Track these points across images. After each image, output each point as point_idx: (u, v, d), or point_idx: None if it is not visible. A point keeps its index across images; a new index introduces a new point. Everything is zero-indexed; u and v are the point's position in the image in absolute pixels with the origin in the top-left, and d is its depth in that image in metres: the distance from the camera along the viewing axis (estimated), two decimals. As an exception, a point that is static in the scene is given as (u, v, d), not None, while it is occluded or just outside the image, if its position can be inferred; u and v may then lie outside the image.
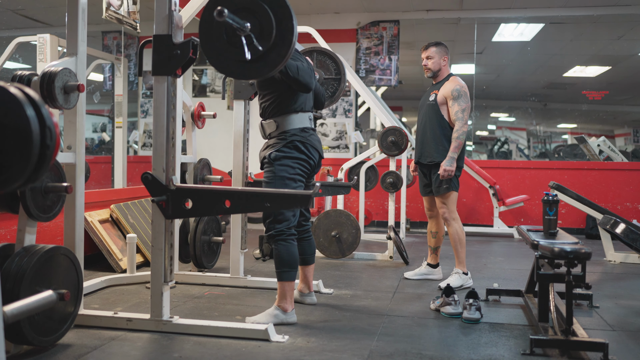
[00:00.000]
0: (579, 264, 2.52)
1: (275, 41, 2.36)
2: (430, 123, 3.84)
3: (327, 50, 3.68)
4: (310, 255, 3.27)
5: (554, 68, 10.17)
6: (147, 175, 2.62)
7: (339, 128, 7.65)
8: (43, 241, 3.60)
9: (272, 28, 2.34)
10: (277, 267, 2.92)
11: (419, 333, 2.79)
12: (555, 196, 2.99)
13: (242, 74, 2.51)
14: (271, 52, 2.37)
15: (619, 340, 2.74)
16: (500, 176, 7.08)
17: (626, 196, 6.90)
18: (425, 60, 3.93)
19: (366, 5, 7.20)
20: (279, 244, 2.91)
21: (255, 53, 2.36)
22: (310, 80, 2.93)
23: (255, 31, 2.35)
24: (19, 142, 1.32)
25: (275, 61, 2.39)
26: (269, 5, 2.34)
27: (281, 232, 2.91)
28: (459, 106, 3.75)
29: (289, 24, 2.35)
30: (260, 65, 2.40)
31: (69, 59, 2.62)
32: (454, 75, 3.91)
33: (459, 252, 3.84)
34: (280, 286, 2.92)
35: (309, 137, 3.01)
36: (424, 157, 3.88)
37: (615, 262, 4.99)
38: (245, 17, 2.33)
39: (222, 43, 2.41)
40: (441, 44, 3.91)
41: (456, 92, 3.76)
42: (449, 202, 3.81)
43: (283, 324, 2.86)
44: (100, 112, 6.64)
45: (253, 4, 2.34)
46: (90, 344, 2.51)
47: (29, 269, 2.24)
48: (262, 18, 2.34)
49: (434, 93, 3.86)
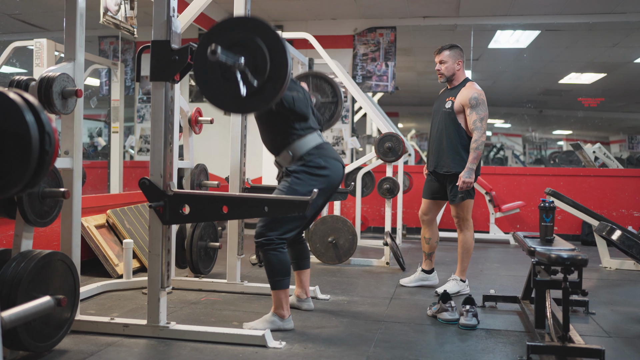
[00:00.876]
0: (576, 270, 2.52)
1: (269, 75, 2.33)
2: (447, 131, 3.71)
3: (322, 75, 3.69)
4: (305, 260, 3.26)
5: (549, 75, 10.22)
6: (144, 180, 2.62)
7: (336, 134, 7.66)
8: (40, 246, 3.60)
9: (266, 62, 2.32)
10: (270, 276, 2.90)
11: (415, 339, 2.79)
12: (551, 203, 3.00)
13: (238, 109, 2.50)
14: (266, 86, 2.35)
15: (615, 347, 2.74)
16: (496, 182, 7.10)
17: (622, 203, 6.93)
18: (438, 65, 3.78)
19: (363, 11, 7.23)
20: (269, 253, 2.87)
21: (250, 88, 2.35)
22: (307, 110, 2.95)
23: (249, 66, 2.33)
24: (18, 147, 1.32)
25: (270, 95, 2.37)
26: (262, 40, 2.33)
27: (271, 242, 2.86)
28: (477, 115, 3.62)
29: (282, 58, 2.32)
30: (255, 99, 2.38)
31: (66, 64, 2.62)
32: (471, 80, 3.78)
33: (464, 261, 3.78)
34: (274, 295, 2.91)
35: (326, 152, 2.98)
36: (440, 166, 3.75)
37: (611, 269, 5.00)
38: (238, 52, 2.32)
39: (216, 79, 2.40)
40: (455, 47, 3.76)
41: (474, 100, 3.63)
42: (465, 211, 3.75)
43: (280, 330, 2.85)
44: (96, 117, 6.63)
45: (246, 39, 2.33)
46: (86, 350, 2.50)
47: (25, 275, 2.23)
48: (256, 53, 2.33)
49: (450, 100, 3.72)
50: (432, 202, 3.91)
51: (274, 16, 7.57)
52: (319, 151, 2.97)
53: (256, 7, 7.10)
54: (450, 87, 3.82)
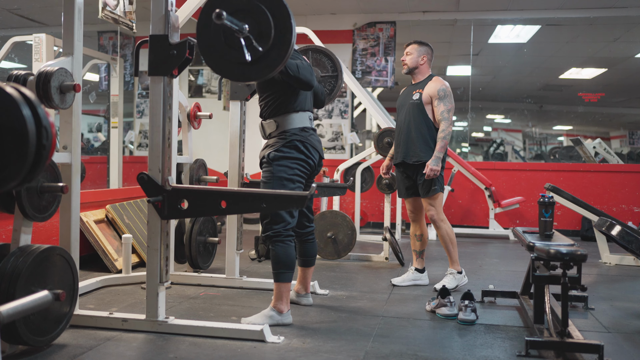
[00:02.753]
0: (575, 265, 2.52)
1: (274, 41, 2.33)
2: (415, 122, 3.77)
3: (322, 48, 3.68)
4: (312, 258, 3.26)
5: (550, 70, 10.20)
6: (143, 175, 2.62)
7: (335, 129, 7.65)
8: (38, 241, 3.59)
9: (271, 28, 2.32)
10: (274, 268, 2.91)
11: (414, 334, 2.79)
12: (551, 198, 2.99)
13: (243, 76, 2.47)
14: (271, 52, 2.35)
15: (614, 342, 2.75)
16: (496, 178, 7.10)
17: (622, 198, 6.93)
18: (404, 56, 3.89)
19: (362, 6, 7.21)
20: (276, 245, 2.89)
21: (255, 54, 2.34)
22: (311, 77, 2.92)
23: (253, 32, 2.33)
24: (15, 141, 1.32)
25: (275, 61, 2.36)
26: (266, 6, 2.32)
27: (278, 234, 2.89)
28: (444, 106, 3.70)
29: (287, 23, 2.33)
30: (260, 66, 2.38)
31: (65, 58, 2.62)
32: (436, 75, 3.87)
33: (451, 252, 3.80)
34: (276, 287, 2.92)
35: (309, 137, 3.01)
36: (410, 157, 3.78)
37: (610, 264, 5.00)
38: (242, 18, 2.31)
39: (220, 46, 2.39)
40: (424, 44, 3.87)
41: (442, 92, 3.72)
42: (437, 204, 3.77)
43: (278, 325, 2.86)
44: (95, 112, 6.63)
45: (250, 5, 2.32)
46: (85, 344, 2.50)
47: (24, 269, 2.23)
48: (260, 19, 2.32)
49: (418, 92, 3.80)
50: (412, 199, 3.93)
51: (273, 11, 7.55)
52: (302, 134, 2.98)
53: (256, 2, 7.07)
54: (415, 82, 3.90)
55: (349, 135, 7.36)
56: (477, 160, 11.10)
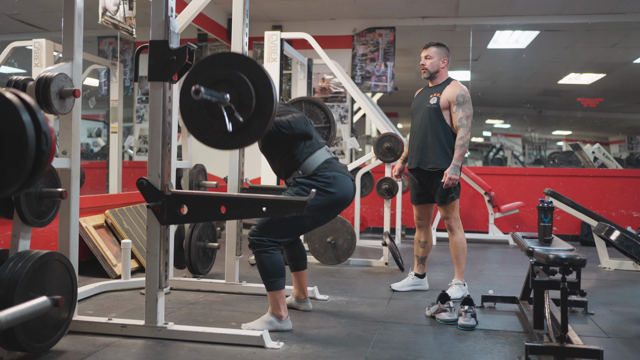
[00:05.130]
0: (574, 270, 2.52)
1: (255, 111, 2.33)
2: (432, 127, 3.67)
3: (314, 100, 3.70)
4: (302, 260, 3.26)
5: (548, 75, 10.22)
6: (142, 180, 2.62)
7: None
8: (37, 247, 3.59)
9: (252, 99, 2.32)
10: (264, 278, 2.89)
11: (414, 340, 2.79)
12: (550, 203, 2.99)
13: (225, 145, 2.46)
14: (252, 122, 2.35)
15: (613, 347, 2.74)
16: (496, 183, 7.10)
17: (621, 203, 6.93)
18: (423, 60, 3.78)
19: (362, 11, 7.23)
20: (260, 255, 2.86)
21: (237, 124, 2.35)
22: (307, 127, 2.92)
23: (235, 102, 2.34)
24: (15, 147, 1.32)
25: (256, 131, 2.36)
26: (247, 77, 2.33)
27: (262, 243, 2.85)
28: (463, 112, 3.61)
29: (268, 93, 2.33)
30: (242, 135, 2.38)
31: (64, 64, 2.62)
32: (455, 79, 3.78)
33: (461, 262, 3.74)
34: (270, 296, 2.90)
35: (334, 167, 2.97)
36: (425, 163, 3.69)
37: (610, 269, 5.00)
38: (224, 88, 2.33)
39: (202, 115, 2.39)
40: (442, 45, 3.77)
41: (461, 98, 3.63)
42: (454, 211, 3.71)
43: (278, 331, 2.85)
44: (95, 117, 6.63)
45: (232, 76, 2.33)
46: (84, 350, 2.49)
47: (23, 275, 2.22)
48: (242, 89, 2.33)
49: (435, 96, 3.69)
50: (422, 206, 3.88)
51: (273, 16, 7.57)
52: (328, 165, 2.96)
53: (255, 8, 7.10)
54: (433, 85, 3.80)
55: (348, 141, 7.37)
56: (476, 165, 11.11)
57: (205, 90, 2.20)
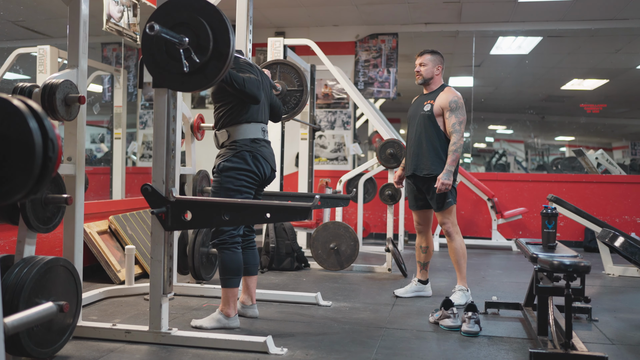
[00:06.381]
0: (578, 277, 2.52)
1: (212, 54, 2.43)
2: (426, 134, 3.72)
3: (289, 62, 3.71)
4: (253, 266, 3.27)
5: (551, 81, 10.21)
6: (146, 187, 2.63)
7: (338, 140, 7.67)
8: (42, 252, 3.60)
9: (209, 41, 2.42)
10: (221, 274, 3.01)
11: (417, 346, 2.79)
12: (554, 209, 2.99)
13: (183, 86, 2.54)
14: (209, 64, 2.45)
15: (618, 354, 2.73)
16: (499, 189, 7.09)
17: (624, 209, 6.92)
18: (418, 67, 3.85)
19: (365, 18, 7.25)
20: (222, 252, 2.99)
21: (193, 65, 2.44)
22: (258, 92, 2.97)
23: (193, 45, 2.42)
24: (22, 154, 1.33)
25: (213, 73, 2.46)
26: (205, 20, 2.42)
27: (224, 241, 2.98)
28: (456, 118, 3.66)
29: (225, 37, 2.42)
30: (199, 77, 2.47)
31: (70, 70, 2.64)
32: (448, 85, 3.83)
33: (462, 267, 3.74)
34: (223, 292, 3.00)
35: (260, 148, 3.04)
36: (420, 169, 3.74)
37: (614, 276, 4.98)
38: (183, 31, 2.42)
39: (162, 56, 2.48)
40: (437, 53, 3.84)
41: (454, 104, 3.67)
42: (451, 216, 3.73)
43: (225, 329, 2.95)
44: (99, 123, 6.65)
45: (191, 19, 2.43)
46: (88, 356, 2.50)
47: (28, 281, 2.23)
48: (200, 32, 2.42)
49: (429, 103, 3.75)
50: (420, 212, 3.90)
51: (276, 23, 7.60)
52: (252, 145, 3.02)
53: (258, 14, 7.12)
54: (427, 92, 3.87)
55: (351, 146, 7.38)
56: (479, 171, 11.10)
57: (161, 27, 2.27)
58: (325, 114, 7.70)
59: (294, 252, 4.89)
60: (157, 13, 2.47)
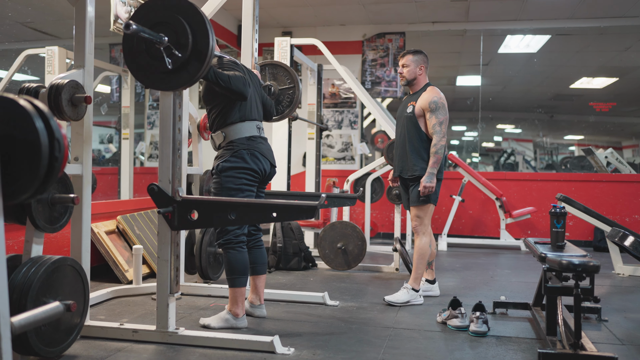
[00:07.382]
0: (587, 277, 2.50)
1: (192, 49, 2.45)
2: (409, 136, 3.71)
3: (276, 62, 3.72)
4: (261, 265, 3.26)
5: (560, 79, 10.16)
6: (153, 186, 2.63)
7: (345, 139, 7.66)
8: (50, 252, 3.62)
9: (188, 37, 2.44)
10: (228, 274, 3.00)
11: (425, 346, 2.77)
12: (562, 208, 2.97)
13: (167, 85, 2.54)
14: (190, 60, 2.46)
15: (628, 355, 2.71)
16: (507, 188, 7.06)
17: (634, 208, 6.86)
18: (401, 68, 3.82)
19: (372, 17, 7.23)
20: (228, 252, 2.99)
21: (176, 62, 2.46)
22: (244, 88, 2.96)
23: (173, 42, 2.44)
24: (28, 154, 1.33)
25: (195, 69, 2.47)
26: (183, 17, 2.44)
27: (229, 241, 2.98)
28: (436, 119, 3.61)
29: (203, 29, 2.44)
30: (182, 74, 2.49)
31: (76, 71, 2.64)
32: (432, 85, 3.78)
33: (418, 268, 3.70)
34: (231, 292, 2.99)
35: (257, 146, 3.04)
36: (405, 171, 3.74)
37: (624, 275, 4.95)
38: (162, 30, 2.44)
39: (144, 58, 2.50)
40: (419, 53, 3.79)
41: (434, 104, 3.63)
42: (424, 215, 3.70)
43: (233, 329, 2.93)
44: (107, 124, 6.67)
45: (169, 17, 2.45)
46: (96, 355, 2.50)
47: (35, 280, 2.24)
48: (178, 29, 2.44)
49: (412, 104, 3.73)
50: None
51: (282, 22, 7.60)
52: (249, 143, 3.01)
53: (265, 14, 7.13)
54: (412, 92, 3.83)
55: (358, 146, 7.37)
56: (487, 170, 11.05)
57: (138, 26, 2.29)
58: (333, 114, 7.70)
59: (302, 252, 4.89)
60: (136, 13, 2.49)
